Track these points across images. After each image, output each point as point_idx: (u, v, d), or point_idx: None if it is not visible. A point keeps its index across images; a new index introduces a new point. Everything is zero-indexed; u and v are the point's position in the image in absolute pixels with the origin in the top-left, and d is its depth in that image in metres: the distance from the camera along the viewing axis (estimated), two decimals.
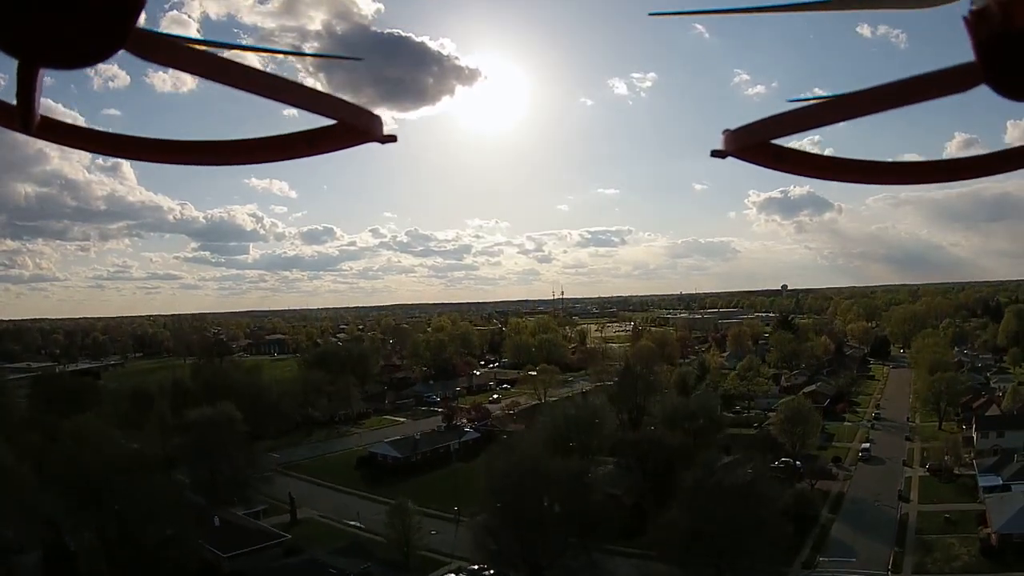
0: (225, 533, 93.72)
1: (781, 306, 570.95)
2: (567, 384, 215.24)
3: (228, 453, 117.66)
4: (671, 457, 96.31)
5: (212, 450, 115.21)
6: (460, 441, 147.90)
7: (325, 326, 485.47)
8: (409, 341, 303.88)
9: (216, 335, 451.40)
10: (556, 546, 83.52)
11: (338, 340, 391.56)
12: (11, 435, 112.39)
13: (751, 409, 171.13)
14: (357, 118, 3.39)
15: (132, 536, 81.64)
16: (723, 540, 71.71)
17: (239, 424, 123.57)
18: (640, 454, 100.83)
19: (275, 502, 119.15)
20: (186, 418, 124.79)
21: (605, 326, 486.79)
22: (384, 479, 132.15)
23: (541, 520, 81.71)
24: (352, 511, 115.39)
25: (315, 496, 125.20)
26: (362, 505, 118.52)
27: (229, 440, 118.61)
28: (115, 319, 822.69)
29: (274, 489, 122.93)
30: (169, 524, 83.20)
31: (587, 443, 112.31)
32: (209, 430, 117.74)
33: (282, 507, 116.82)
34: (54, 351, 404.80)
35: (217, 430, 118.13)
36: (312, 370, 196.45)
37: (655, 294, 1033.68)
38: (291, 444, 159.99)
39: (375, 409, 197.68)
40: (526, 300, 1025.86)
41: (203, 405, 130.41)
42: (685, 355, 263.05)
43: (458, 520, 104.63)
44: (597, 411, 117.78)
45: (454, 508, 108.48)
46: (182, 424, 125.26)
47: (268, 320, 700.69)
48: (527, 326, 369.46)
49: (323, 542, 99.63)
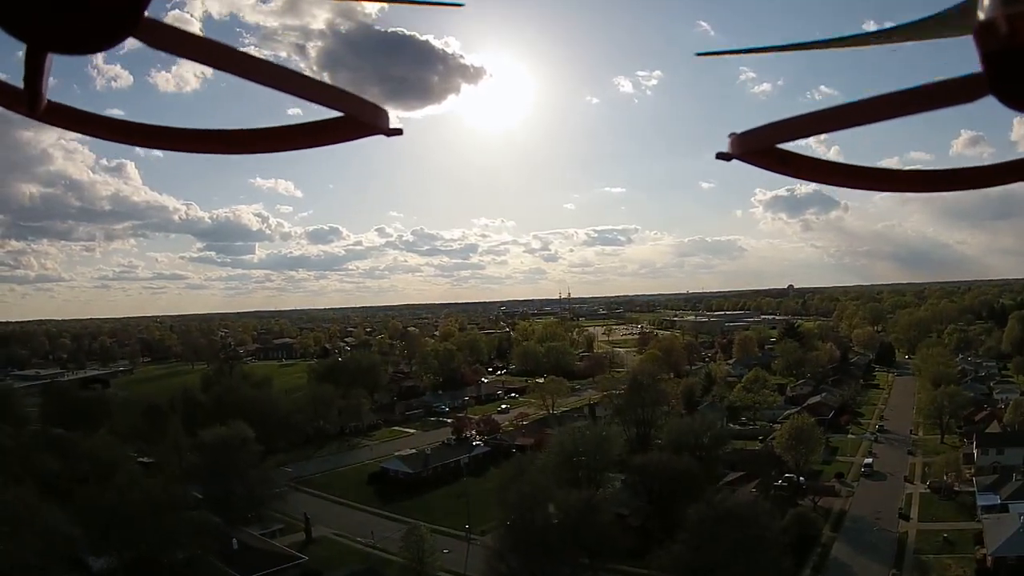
0: (243, 555, 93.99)
1: (787, 307, 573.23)
2: (575, 392, 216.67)
3: (242, 472, 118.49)
4: (676, 482, 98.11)
5: (226, 470, 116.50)
6: (470, 455, 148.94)
7: (333, 330, 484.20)
8: (418, 348, 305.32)
9: (224, 339, 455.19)
10: (566, 568, 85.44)
11: (346, 344, 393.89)
12: (26, 455, 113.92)
13: (756, 421, 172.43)
14: (364, 111, 3.44)
15: (154, 559, 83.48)
16: (726, 570, 73.91)
17: (252, 444, 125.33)
18: (646, 478, 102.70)
19: (289, 520, 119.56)
20: (200, 438, 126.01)
21: (612, 329, 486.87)
22: (396, 495, 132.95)
23: (551, 543, 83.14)
24: (365, 529, 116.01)
25: (328, 513, 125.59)
26: (375, 523, 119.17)
27: (243, 460, 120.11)
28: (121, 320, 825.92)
29: (287, 506, 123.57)
30: (191, 547, 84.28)
31: (595, 467, 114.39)
32: (223, 450, 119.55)
33: (296, 525, 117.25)
34: (61, 356, 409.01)
35: (231, 450, 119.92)
36: (322, 383, 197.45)
37: (661, 293, 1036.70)
38: (302, 458, 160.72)
39: (385, 420, 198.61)
40: (532, 299, 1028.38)
41: (215, 422, 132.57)
42: (692, 362, 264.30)
43: (469, 539, 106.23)
44: (606, 435, 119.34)
45: (465, 526, 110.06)
46: (196, 443, 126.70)
47: (275, 321, 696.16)
48: (534, 331, 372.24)
49: (339, 563, 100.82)
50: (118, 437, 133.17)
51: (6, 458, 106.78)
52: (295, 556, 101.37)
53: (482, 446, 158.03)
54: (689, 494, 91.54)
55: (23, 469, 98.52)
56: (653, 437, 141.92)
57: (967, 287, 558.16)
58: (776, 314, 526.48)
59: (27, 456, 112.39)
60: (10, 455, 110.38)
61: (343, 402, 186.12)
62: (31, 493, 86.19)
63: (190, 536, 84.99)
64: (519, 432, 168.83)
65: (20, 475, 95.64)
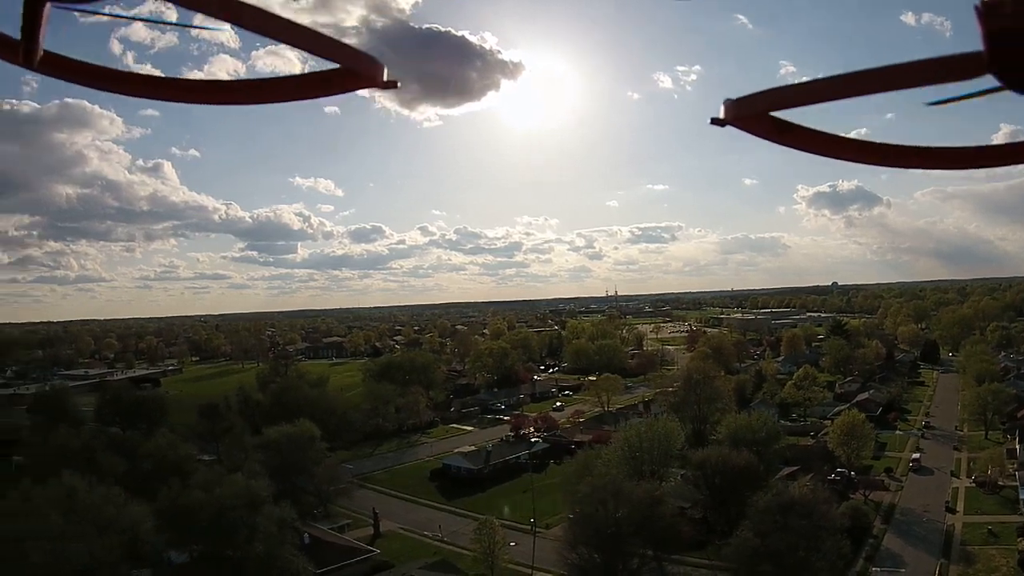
0: (315, 549, 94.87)
1: (831, 304, 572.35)
2: (627, 390, 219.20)
3: (308, 469, 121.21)
4: (736, 476, 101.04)
5: (293, 466, 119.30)
6: (530, 452, 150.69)
7: (381, 329, 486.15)
8: (471, 347, 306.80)
9: (272, 338, 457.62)
10: (633, 559, 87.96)
11: (395, 343, 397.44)
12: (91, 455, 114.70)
13: (807, 417, 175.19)
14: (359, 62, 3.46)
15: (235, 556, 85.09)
16: (788, 557, 76.95)
17: (318, 442, 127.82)
18: (707, 472, 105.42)
19: (356, 515, 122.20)
20: (265, 435, 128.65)
21: (660, 327, 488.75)
22: (458, 491, 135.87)
23: (618, 535, 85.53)
24: (431, 524, 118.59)
25: (393, 509, 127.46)
26: (440, 517, 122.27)
27: (309, 457, 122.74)
28: (165, 319, 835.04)
29: (353, 502, 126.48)
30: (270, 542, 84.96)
31: (658, 462, 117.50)
32: (289, 447, 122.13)
33: (363, 520, 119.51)
34: (107, 356, 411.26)
35: (297, 448, 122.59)
36: (379, 382, 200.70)
37: (706, 290, 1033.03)
38: (362, 455, 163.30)
39: (442, 418, 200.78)
40: (578, 298, 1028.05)
41: (275, 420, 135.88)
42: (741, 360, 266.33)
43: (535, 532, 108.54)
44: (666, 433, 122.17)
45: (531, 520, 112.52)
46: (262, 441, 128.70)
47: (321, 320, 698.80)
48: (584, 329, 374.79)
49: (408, 556, 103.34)
50: (178, 435, 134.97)
51: (73, 458, 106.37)
52: (367, 549, 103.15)
53: (541, 443, 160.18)
54: (749, 487, 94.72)
55: (89, 469, 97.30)
56: (708, 433, 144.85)
57: (1008, 284, 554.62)
58: (820, 311, 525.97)
59: (92, 456, 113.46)
60: (76, 455, 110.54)
61: (400, 400, 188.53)
62: (116, 492, 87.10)
63: (271, 530, 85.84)
64: (577, 429, 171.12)
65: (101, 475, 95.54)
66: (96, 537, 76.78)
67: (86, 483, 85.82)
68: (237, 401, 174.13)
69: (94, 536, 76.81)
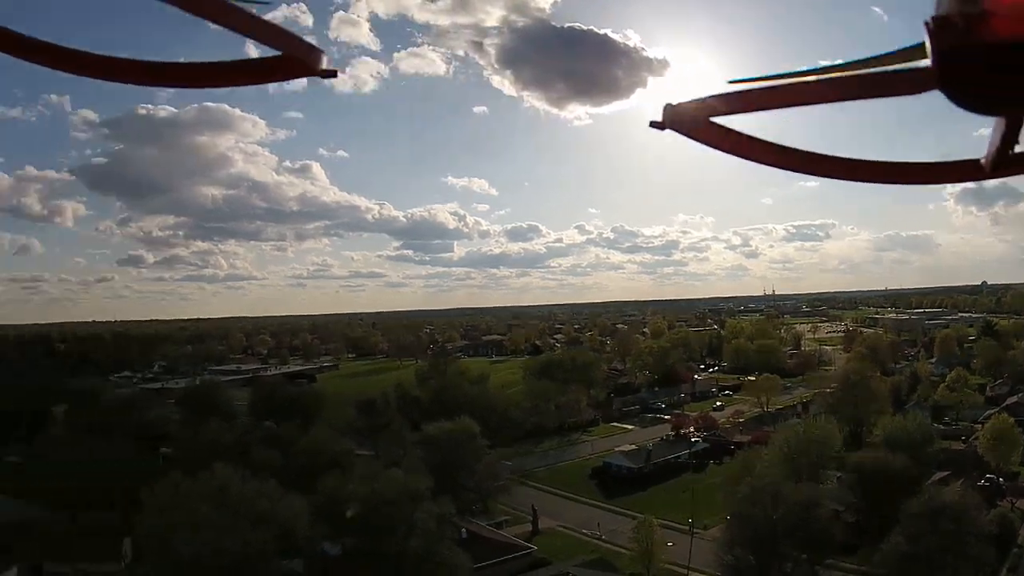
0: (472, 544, 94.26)
1: (982, 305, 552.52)
2: (786, 390, 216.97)
3: (469, 465, 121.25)
4: (892, 480, 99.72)
5: (453, 463, 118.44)
6: (690, 451, 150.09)
7: (541, 327, 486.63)
8: (632, 346, 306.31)
9: (431, 336, 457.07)
10: (786, 562, 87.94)
11: (555, 342, 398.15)
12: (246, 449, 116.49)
13: (959, 421, 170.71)
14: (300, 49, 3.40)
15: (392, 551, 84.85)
16: (938, 561, 76.38)
17: (479, 439, 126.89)
18: (863, 475, 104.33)
19: (515, 512, 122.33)
20: (425, 431, 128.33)
21: (817, 327, 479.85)
22: (618, 489, 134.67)
23: (774, 536, 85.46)
24: (590, 522, 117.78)
25: (552, 506, 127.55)
26: (599, 516, 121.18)
27: (469, 453, 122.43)
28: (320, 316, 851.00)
29: (512, 499, 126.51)
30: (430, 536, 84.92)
31: (816, 464, 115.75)
32: (449, 444, 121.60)
33: (522, 517, 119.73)
34: (261, 352, 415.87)
35: (457, 444, 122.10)
36: (540, 379, 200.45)
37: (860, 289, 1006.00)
38: (523, 452, 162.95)
39: (603, 416, 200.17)
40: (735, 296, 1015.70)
41: (434, 416, 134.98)
42: (896, 361, 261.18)
43: (693, 532, 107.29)
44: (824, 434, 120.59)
45: (689, 520, 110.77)
46: (422, 437, 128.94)
47: (481, 319, 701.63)
48: (743, 329, 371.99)
49: (566, 554, 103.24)
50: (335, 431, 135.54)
51: (225, 452, 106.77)
52: (524, 546, 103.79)
53: (701, 442, 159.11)
54: (903, 492, 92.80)
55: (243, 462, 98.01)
56: (865, 435, 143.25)
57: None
58: (971, 311, 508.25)
59: (246, 450, 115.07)
60: (228, 449, 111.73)
61: (561, 398, 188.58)
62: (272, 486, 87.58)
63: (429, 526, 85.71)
64: (736, 429, 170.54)
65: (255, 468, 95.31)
66: (249, 530, 77.63)
67: (239, 476, 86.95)
68: (395, 397, 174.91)
69: (247, 529, 77.67)
